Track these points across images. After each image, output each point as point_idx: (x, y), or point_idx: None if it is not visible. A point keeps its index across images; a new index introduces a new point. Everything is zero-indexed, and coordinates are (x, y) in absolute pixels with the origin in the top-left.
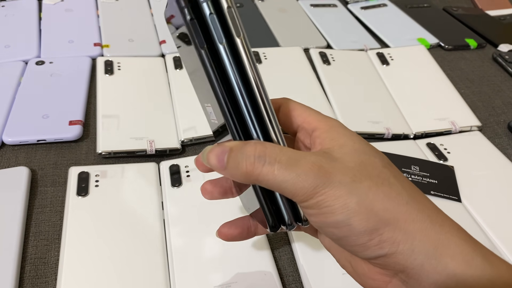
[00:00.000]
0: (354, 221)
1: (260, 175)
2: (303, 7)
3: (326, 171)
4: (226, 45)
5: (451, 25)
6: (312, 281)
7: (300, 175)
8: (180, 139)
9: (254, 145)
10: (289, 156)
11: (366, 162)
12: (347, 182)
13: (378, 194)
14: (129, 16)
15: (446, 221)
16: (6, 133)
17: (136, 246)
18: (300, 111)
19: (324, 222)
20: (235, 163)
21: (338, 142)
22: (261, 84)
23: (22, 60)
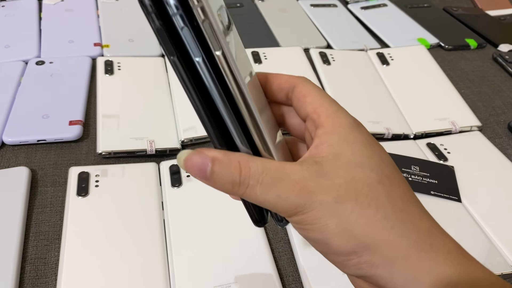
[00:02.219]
0: (332, 242)
1: (244, 195)
2: (303, 7)
3: (308, 191)
4: (203, 59)
5: (451, 25)
6: (312, 281)
7: (280, 196)
8: (180, 139)
9: (238, 165)
10: (271, 176)
11: (357, 177)
12: (328, 203)
13: (360, 218)
14: (129, 16)
15: (435, 246)
16: (6, 133)
17: (136, 246)
18: (313, 98)
19: (306, 236)
20: (219, 180)
21: (335, 151)
22: (244, 97)
23: (22, 60)
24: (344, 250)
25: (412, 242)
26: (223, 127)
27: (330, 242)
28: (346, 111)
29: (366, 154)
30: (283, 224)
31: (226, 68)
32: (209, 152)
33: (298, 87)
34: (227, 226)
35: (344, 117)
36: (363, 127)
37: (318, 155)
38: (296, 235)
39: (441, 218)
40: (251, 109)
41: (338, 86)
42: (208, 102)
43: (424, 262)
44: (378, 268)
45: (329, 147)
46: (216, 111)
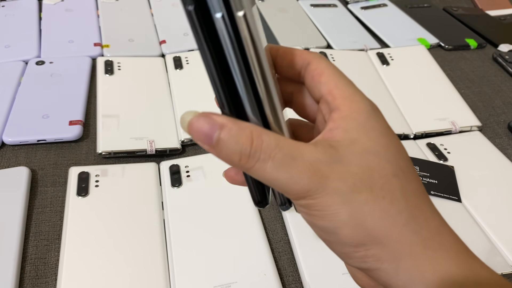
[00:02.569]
0: (341, 232)
1: (251, 169)
2: (303, 7)
3: (322, 175)
4: (223, 16)
5: (451, 25)
6: (312, 281)
7: (292, 177)
8: (180, 139)
9: (250, 135)
10: (285, 153)
11: (373, 167)
12: (343, 191)
13: (374, 210)
14: (129, 16)
15: (443, 245)
16: (6, 133)
17: (136, 246)
18: (328, 77)
19: (311, 222)
20: (225, 149)
21: (351, 137)
22: (261, 64)
23: (22, 60)
24: (352, 242)
25: (422, 240)
26: (234, 92)
27: (338, 231)
28: (363, 94)
29: (383, 143)
30: (285, 207)
31: (246, 31)
32: (217, 117)
33: (312, 64)
34: (227, 226)
35: (362, 102)
36: (380, 114)
37: (333, 139)
38: (296, 235)
39: None
40: (266, 78)
41: None
42: (221, 62)
43: (431, 261)
44: (384, 263)
45: (345, 132)
46: (229, 73)
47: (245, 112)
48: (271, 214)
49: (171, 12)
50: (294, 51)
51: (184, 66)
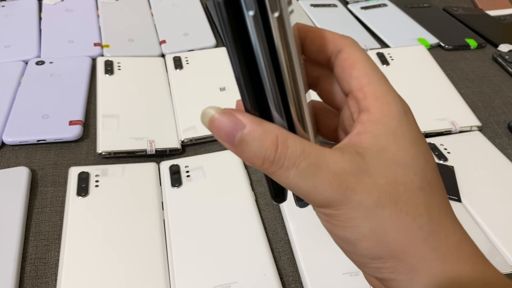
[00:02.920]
0: (360, 244)
1: (273, 174)
2: (303, 7)
3: (347, 187)
4: (255, 15)
5: (451, 25)
6: (312, 281)
7: (316, 187)
8: (180, 139)
9: (276, 139)
10: (310, 161)
11: (400, 180)
12: (367, 204)
13: (396, 225)
14: (129, 16)
15: (462, 258)
16: (6, 133)
17: (136, 246)
18: (361, 71)
19: (331, 230)
20: (248, 151)
21: (380, 144)
22: (293, 67)
23: (22, 60)
24: (370, 254)
25: (441, 255)
26: (260, 91)
27: (357, 243)
28: (396, 93)
29: (412, 153)
30: (303, 204)
31: (278, 33)
32: (242, 116)
33: (344, 52)
34: (227, 226)
35: (394, 104)
36: (412, 118)
37: (361, 144)
38: (296, 235)
39: None
40: (296, 78)
41: None
42: (248, 60)
43: (448, 274)
44: (399, 275)
45: (374, 138)
46: (256, 72)
47: (270, 111)
48: (271, 214)
49: (171, 12)
50: (325, 34)
51: (184, 66)
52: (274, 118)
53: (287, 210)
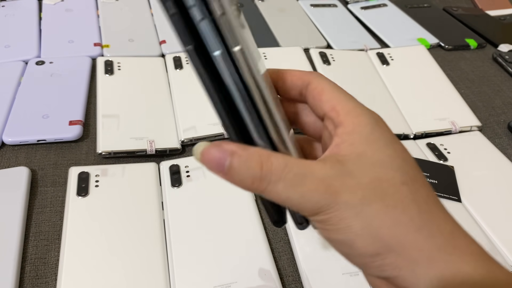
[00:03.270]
0: (356, 244)
1: (264, 192)
2: (303, 7)
3: (333, 190)
4: (221, 53)
5: (451, 25)
6: (312, 281)
7: (304, 195)
8: (180, 139)
9: (259, 159)
10: (294, 173)
11: (382, 177)
12: (354, 203)
13: (386, 219)
14: (129, 16)
15: (458, 247)
16: (6, 133)
17: (136, 246)
18: (330, 95)
19: (328, 237)
20: (237, 175)
21: (357, 150)
22: (261, 92)
23: (22, 60)
24: (367, 252)
25: (436, 244)
26: (240, 120)
27: (353, 243)
28: (365, 106)
29: (389, 153)
30: (302, 227)
31: (243, 64)
32: (227, 146)
33: (312, 84)
34: (227, 226)
35: (364, 115)
36: (384, 124)
37: (340, 153)
38: (296, 235)
39: None
40: (268, 103)
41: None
42: (224, 95)
43: (448, 264)
44: (401, 270)
45: (351, 146)
46: (232, 104)
47: (252, 138)
48: None
49: None
50: (292, 72)
51: (184, 66)
52: (257, 143)
53: (287, 210)
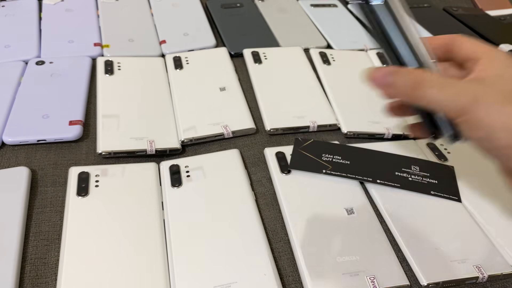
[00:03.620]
0: (494, 138)
1: (419, 95)
2: (303, 7)
3: (474, 94)
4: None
5: (451, 25)
6: (312, 281)
7: (452, 96)
8: (180, 139)
9: (415, 71)
10: (442, 81)
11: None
12: (492, 104)
13: None
14: (129, 16)
15: None
16: (6, 133)
17: (136, 246)
18: (469, 44)
19: (471, 136)
20: (400, 83)
21: (496, 71)
22: (411, 33)
23: (22, 60)
24: (506, 144)
25: None
26: (397, 52)
27: (492, 138)
28: (499, 49)
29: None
30: (453, 139)
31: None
32: (389, 68)
33: (457, 40)
34: (227, 226)
35: (498, 51)
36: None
37: (480, 75)
38: (296, 235)
39: (441, 218)
40: (414, 37)
41: (338, 86)
42: (385, 33)
43: None
44: None
45: (491, 68)
46: (390, 40)
47: (405, 63)
48: (271, 214)
49: (171, 12)
50: (436, 38)
51: (184, 66)
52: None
53: (287, 210)
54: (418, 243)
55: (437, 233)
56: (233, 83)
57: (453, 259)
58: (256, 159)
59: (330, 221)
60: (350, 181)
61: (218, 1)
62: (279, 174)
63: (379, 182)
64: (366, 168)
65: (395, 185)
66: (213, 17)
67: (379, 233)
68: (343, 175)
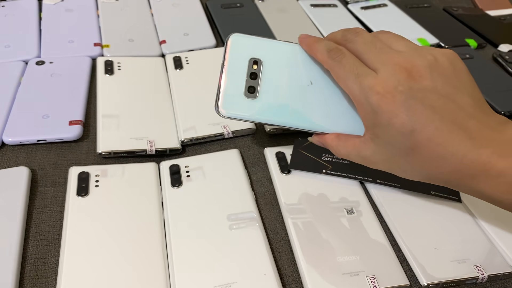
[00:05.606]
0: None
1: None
2: (303, 7)
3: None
4: None
5: (451, 25)
6: (312, 281)
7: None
8: (180, 139)
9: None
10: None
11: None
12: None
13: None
14: (129, 16)
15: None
16: (6, 133)
17: (136, 246)
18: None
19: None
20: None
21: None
22: None
23: (22, 60)
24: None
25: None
26: None
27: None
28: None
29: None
30: None
31: None
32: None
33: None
34: (227, 226)
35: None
36: None
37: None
38: (296, 235)
39: (441, 218)
40: None
41: None
42: None
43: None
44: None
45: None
46: None
47: None
48: (271, 214)
49: (171, 12)
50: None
51: (184, 66)
52: None
53: (287, 210)
54: (418, 243)
55: (437, 233)
56: None
57: (453, 259)
58: (256, 159)
59: (330, 221)
60: (350, 181)
61: (218, 1)
62: (279, 174)
63: (379, 182)
64: (366, 168)
65: (395, 185)
66: (213, 17)
67: (379, 233)
68: (343, 175)
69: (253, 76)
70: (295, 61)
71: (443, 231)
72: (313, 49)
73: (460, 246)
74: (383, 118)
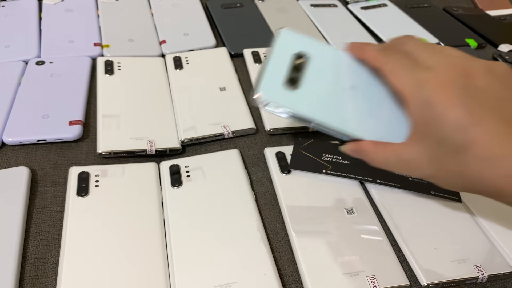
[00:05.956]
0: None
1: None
2: (303, 7)
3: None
4: None
5: (451, 25)
6: (312, 281)
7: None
8: (180, 139)
9: None
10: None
11: None
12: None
13: None
14: (129, 16)
15: None
16: (6, 133)
17: (136, 246)
18: (392, 78)
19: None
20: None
21: (425, 128)
22: None
23: (22, 60)
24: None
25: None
26: None
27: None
28: (424, 74)
29: None
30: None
31: None
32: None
33: (382, 70)
34: (227, 226)
35: (424, 87)
36: None
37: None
38: (296, 235)
39: (441, 218)
40: None
41: None
42: None
43: None
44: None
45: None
46: None
47: None
48: (271, 214)
49: (171, 12)
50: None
51: (184, 66)
52: None
53: (287, 210)
54: (418, 243)
55: (437, 233)
56: (233, 83)
57: (453, 259)
58: (256, 159)
59: (330, 221)
60: (350, 181)
61: (218, 1)
62: (279, 174)
63: (379, 182)
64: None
65: (395, 185)
66: (213, 17)
67: (379, 233)
68: (343, 175)
69: (296, 69)
70: (339, 64)
71: (443, 231)
72: (363, 50)
73: (460, 246)
74: (437, 110)
